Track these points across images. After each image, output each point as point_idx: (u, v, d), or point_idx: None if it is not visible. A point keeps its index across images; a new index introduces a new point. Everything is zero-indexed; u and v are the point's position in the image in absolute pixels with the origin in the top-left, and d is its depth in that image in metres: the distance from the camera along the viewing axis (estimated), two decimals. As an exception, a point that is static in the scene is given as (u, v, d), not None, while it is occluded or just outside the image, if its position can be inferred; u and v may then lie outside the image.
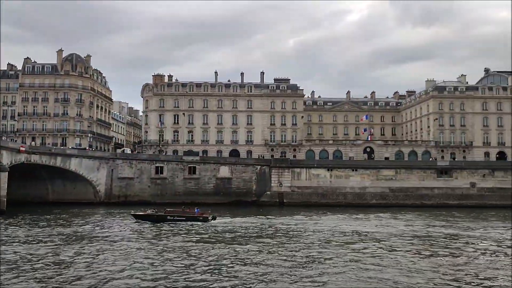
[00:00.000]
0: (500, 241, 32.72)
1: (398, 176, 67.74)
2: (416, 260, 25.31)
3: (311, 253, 27.04)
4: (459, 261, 25.31)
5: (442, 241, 32.58)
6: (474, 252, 28.30)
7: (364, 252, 27.47)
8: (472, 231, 37.78)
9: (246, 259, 25.00)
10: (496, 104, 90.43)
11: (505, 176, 66.90)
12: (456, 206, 62.63)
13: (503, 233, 37.10)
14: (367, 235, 35.12)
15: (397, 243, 31.05)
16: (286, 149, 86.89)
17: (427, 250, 28.74)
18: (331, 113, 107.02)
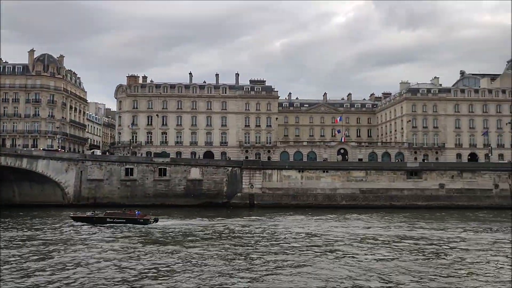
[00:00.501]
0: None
1: (368, 177, 68.14)
2: (339, 262, 25.40)
3: (239, 256, 26.94)
4: (389, 263, 25.45)
5: (380, 242, 32.69)
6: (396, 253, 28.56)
7: (299, 254, 27.48)
8: (414, 232, 38.11)
9: (158, 262, 24.99)
10: (468, 106, 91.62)
11: (473, 177, 67.70)
12: (425, 207, 63.35)
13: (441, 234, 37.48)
14: (317, 236, 35.17)
15: (338, 246, 30.92)
16: (260, 150, 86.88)
17: (352, 252, 28.62)
18: (308, 114, 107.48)
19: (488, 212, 57.32)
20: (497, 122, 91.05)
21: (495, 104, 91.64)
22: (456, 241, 32.99)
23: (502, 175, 67.49)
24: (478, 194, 66.43)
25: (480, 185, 67.28)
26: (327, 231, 38.03)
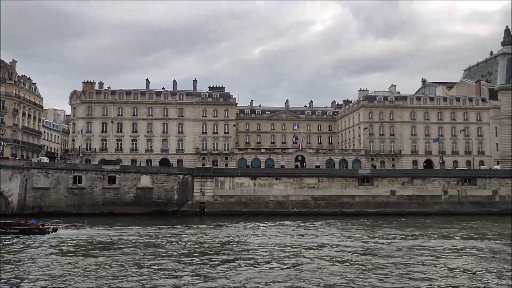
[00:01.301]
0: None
1: (320, 184, 68.15)
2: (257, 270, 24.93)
3: (127, 266, 26.40)
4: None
5: (300, 250, 32.50)
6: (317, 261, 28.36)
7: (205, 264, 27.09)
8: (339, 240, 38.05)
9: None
10: (424, 114, 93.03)
11: (423, 184, 68.44)
12: (375, 214, 63.62)
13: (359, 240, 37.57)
14: (241, 245, 34.70)
15: (261, 254, 30.57)
16: (218, 157, 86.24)
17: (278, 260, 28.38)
18: (269, 121, 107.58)
19: (435, 218, 57.93)
20: (452, 129, 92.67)
21: (450, 112, 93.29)
22: (428, 249, 32.79)
23: (451, 182, 68.43)
24: (428, 201, 67.16)
25: (430, 192, 68.06)
26: (260, 239, 37.66)
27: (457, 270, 25.53)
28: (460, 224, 50.53)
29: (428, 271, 25.13)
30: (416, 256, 29.68)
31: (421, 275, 24.00)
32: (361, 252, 31.23)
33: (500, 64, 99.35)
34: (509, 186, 68.34)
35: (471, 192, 68.17)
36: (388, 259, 28.65)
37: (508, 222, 51.44)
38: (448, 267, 26.22)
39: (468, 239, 38.33)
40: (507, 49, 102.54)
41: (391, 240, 37.50)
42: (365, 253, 30.81)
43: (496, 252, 31.42)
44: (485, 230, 45.06)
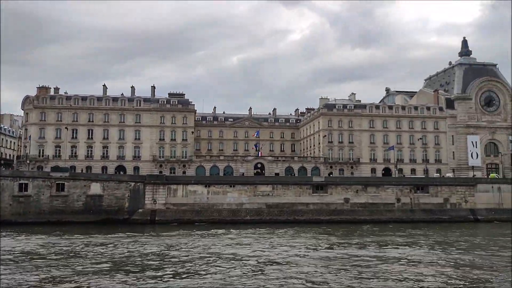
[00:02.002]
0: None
1: (275, 191, 67.74)
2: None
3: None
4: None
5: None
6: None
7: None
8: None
9: None
10: (382, 122, 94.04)
11: (377, 191, 68.77)
12: (328, 221, 63.42)
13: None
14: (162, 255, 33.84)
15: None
16: (175, 165, 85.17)
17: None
18: (232, 129, 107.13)
19: (383, 226, 58.13)
20: (410, 137, 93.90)
21: (408, 120, 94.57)
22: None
23: (404, 190, 68.92)
24: (381, 208, 67.45)
25: (383, 200, 68.34)
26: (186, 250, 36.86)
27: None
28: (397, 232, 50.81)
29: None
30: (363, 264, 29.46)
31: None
32: (267, 262, 30.79)
33: (457, 74, 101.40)
34: (460, 194, 69.30)
35: (424, 199, 68.79)
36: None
37: (453, 230, 52.13)
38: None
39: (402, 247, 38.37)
40: (464, 59, 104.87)
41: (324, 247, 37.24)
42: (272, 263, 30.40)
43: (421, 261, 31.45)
44: (422, 238, 45.34)
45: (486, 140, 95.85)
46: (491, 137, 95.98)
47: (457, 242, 42.19)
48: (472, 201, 69.18)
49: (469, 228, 55.69)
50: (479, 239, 45.14)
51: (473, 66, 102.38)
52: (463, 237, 46.10)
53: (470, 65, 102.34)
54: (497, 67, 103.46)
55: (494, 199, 69.15)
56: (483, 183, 70.07)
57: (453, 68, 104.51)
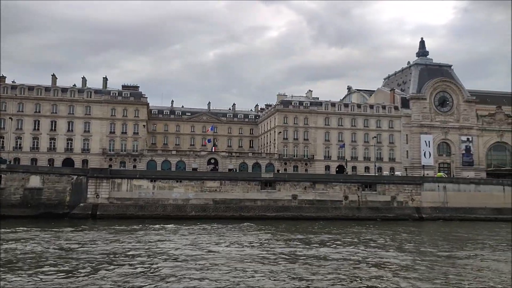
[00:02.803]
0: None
1: (222, 187, 66.85)
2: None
3: None
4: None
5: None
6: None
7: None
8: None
9: None
10: (338, 120, 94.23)
11: (325, 189, 68.70)
12: (274, 218, 62.95)
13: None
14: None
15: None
16: (125, 158, 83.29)
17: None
18: (189, 123, 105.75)
19: (328, 223, 58.02)
20: (364, 136, 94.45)
21: (363, 119, 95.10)
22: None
23: (352, 187, 69.04)
24: (329, 206, 67.41)
25: (331, 197, 68.29)
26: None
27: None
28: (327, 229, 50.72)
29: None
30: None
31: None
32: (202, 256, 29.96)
33: (413, 74, 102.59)
34: (407, 192, 69.91)
35: (371, 197, 69.07)
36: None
37: (390, 228, 52.30)
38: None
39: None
40: (421, 60, 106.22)
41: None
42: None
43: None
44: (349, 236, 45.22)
45: (439, 139, 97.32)
46: (444, 137, 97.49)
47: (382, 239, 42.22)
48: (418, 199, 69.85)
49: (407, 226, 56.01)
50: (404, 236, 45.34)
51: (429, 66, 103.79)
52: (387, 235, 46.19)
53: (426, 66, 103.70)
54: (452, 68, 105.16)
55: (439, 198, 70.03)
56: (429, 182, 70.84)
57: (410, 68, 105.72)
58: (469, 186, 71.35)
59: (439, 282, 24.60)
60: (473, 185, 71.42)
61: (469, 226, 57.75)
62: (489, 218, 66.59)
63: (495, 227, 57.29)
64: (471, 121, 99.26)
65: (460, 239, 44.67)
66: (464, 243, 41.30)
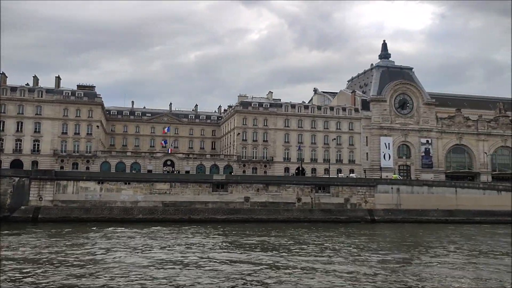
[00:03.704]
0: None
1: (173, 189, 65.45)
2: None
3: None
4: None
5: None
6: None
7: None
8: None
9: None
10: (298, 122, 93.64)
11: (278, 191, 67.87)
12: (224, 220, 61.76)
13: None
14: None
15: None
16: (78, 160, 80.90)
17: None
18: (149, 124, 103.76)
19: (277, 225, 57.13)
20: (324, 138, 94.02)
21: (323, 120, 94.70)
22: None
23: (305, 189, 68.44)
24: (282, 208, 66.54)
25: (284, 199, 67.59)
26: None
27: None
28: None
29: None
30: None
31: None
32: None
33: (374, 76, 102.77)
34: (360, 194, 69.59)
35: (324, 199, 68.59)
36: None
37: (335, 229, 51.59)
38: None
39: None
40: (383, 62, 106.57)
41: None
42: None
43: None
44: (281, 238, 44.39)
45: (399, 142, 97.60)
46: (404, 139, 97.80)
47: (313, 243, 41.48)
48: (372, 201, 69.67)
49: (357, 229, 55.44)
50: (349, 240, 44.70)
51: (390, 69, 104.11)
52: (320, 237, 45.52)
53: (387, 68, 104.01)
54: (413, 71, 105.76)
55: (393, 200, 69.98)
56: (383, 184, 70.75)
57: (372, 70, 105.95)
58: (422, 188, 71.53)
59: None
60: (426, 187, 71.61)
61: (418, 229, 57.59)
62: (441, 220, 66.74)
63: (437, 229, 57.23)
64: (430, 124, 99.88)
65: (400, 242, 44.26)
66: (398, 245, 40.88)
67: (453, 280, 25.94)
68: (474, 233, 53.09)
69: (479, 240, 46.44)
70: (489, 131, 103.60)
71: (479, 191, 72.51)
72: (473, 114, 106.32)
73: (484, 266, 30.32)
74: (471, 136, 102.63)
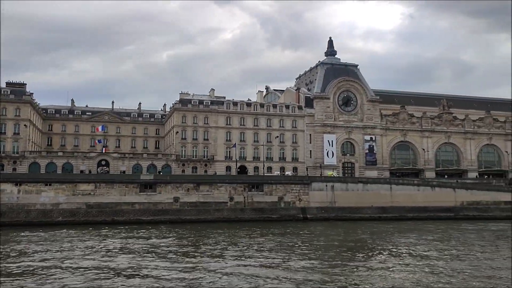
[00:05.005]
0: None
1: (97, 190, 62.62)
2: None
3: None
4: None
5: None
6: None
7: None
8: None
9: None
10: (240, 119, 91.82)
11: (209, 190, 65.91)
12: (150, 222, 59.33)
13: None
14: None
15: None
16: (4, 161, 76.80)
17: None
18: (90, 123, 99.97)
19: (213, 225, 55.22)
20: (267, 135, 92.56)
21: (266, 118, 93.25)
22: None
23: (238, 188, 66.73)
24: (213, 207, 64.56)
25: (216, 198, 65.71)
26: None
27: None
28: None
29: None
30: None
31: None
32: None
33: (319, 73, 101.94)
34: (294, 192, 68.35)
35: (258, 198, 67.05)
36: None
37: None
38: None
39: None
40: (328, 59, 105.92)
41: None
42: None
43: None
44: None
45: (343, 139, 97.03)
46: (348, 137, 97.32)
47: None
48: (306, 199, 68.57)
49: (282, 228, 53.98)
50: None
51: (335, 66, 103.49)
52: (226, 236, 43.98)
53: (332, 65, 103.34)
54: (358, 68, 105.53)
55: (327, 198, 69.00)
56: (317, 182, 69.69)
57: (317, 67, 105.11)
58: (357, 186, 70.89)
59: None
60: (361, 184, 70.99)
61: (348, 227, 56.64)
62: (374, 218, 66.07)
63: (362, 226, 56.50)
64: (374, 121, 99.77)
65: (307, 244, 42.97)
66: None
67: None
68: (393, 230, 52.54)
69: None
70: (433, 127, 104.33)
71: (413, 188, 72.36)
72: (418, 111, 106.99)
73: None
74: (415, 133, 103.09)
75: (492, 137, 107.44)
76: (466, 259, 32.22)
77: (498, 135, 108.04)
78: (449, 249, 36.90)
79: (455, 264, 29.83)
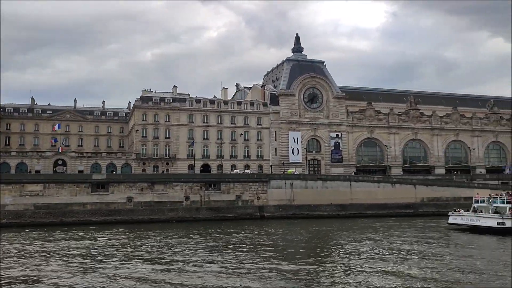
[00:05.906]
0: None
1: (46, 191, 60.46)
2: None
3: None
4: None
5: None
6: None
7: None
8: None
9: None
10: (203, 117, 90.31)
11: (164, 189, 64.31)
12: (101, 222, 57.43)
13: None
14: None
15: None
16: (-47, 161, 74.13)
17: None
18: (50, 122, 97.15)
19: (167, 226, 53.61)
20: (231, 133, 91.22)
21: (230, 115, 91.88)
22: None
23: (194, 187, 65.26)
24: (167, 207, 62.93)
25: (171, 198, 64.12)
26: None
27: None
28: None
29: None
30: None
31: None
32: None
33: (285, 69, 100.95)
34: (253, 190, 67.15)
35: (215, 197, 65.68)
36: None
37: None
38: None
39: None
40: (295, 56, 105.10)
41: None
42: None
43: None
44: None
45: (308, 136, 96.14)
46: (313, 134, 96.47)
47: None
48: (264, 197, 67.49)
49: (234, 227, 52.67)
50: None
51: (301, 62, 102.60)
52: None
53: (298, 62, 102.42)
54: (325, 65, 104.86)
55: (286, 196, 68.03)
56: (276, 180, 68.66)
57: (283, 64, 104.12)
58: (317, 183, 70.04)
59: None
60: (320, 182, 70.18)
61: (295, 225, 55.61)
62: (332, 215, 65.22)
63: (318, 223, 55.56)
64: (340, 118, 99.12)
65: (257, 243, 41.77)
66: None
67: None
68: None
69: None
70: (400, 124, 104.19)
71: (374, 185, 71.84)
72: (386, 108, 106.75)
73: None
74: (382, 130, 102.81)
75: (459, 133, 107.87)
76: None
77: (465, 131, 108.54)
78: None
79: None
